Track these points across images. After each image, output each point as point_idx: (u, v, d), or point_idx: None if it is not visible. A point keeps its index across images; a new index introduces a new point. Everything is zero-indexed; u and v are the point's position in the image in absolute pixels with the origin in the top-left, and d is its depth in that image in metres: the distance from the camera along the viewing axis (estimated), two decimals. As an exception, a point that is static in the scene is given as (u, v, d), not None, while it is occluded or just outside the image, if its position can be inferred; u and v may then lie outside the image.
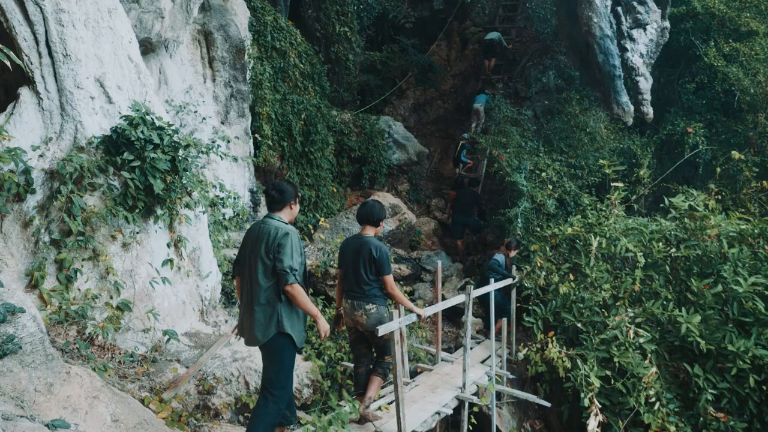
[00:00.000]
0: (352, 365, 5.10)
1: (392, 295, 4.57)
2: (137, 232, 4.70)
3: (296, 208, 3.96)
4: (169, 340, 4.60)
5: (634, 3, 9.53)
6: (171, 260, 4.95)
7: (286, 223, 3.80)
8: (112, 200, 4.49)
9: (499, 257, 7.90)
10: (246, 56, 9.18)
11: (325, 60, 12.99)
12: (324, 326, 3.73)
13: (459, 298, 5.80)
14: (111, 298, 4.39)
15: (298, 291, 3.57)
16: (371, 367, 4.69)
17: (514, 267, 7.75)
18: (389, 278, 4.49)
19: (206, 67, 8.88)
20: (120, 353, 4.34)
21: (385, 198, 10.88)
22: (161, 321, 4.73)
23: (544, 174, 9.39)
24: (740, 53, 10.66)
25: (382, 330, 4.16)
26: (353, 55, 14.15)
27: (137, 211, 4.61)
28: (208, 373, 4.63)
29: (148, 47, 7.26)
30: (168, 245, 4.99)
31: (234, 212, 7.19)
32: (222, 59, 8.85)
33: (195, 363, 4.64)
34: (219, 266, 6.35)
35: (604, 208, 7.83)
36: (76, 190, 4.30)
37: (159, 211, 4.82)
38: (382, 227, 4.85)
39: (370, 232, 4.66)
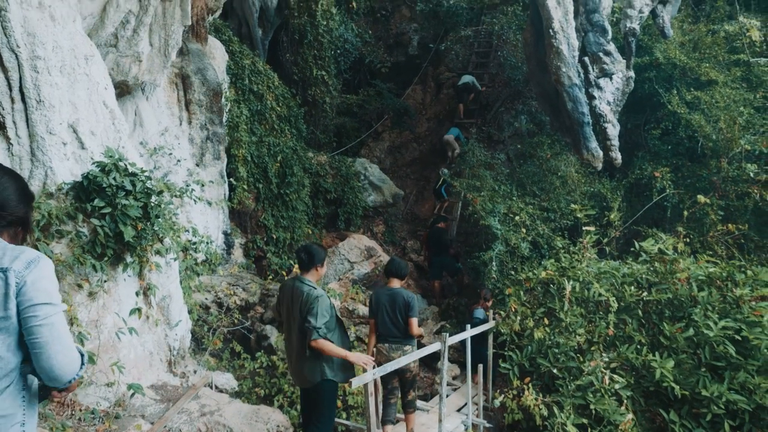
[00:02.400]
0: None
1: (417, 335, 5.48)
2: (105, 281, 4.58)
3: (322, 270, 4.56)
4: (133, 394, 4.44)
5: (600, 54, 9.89)
6: (139, 309, 4.83)
7: (315, 286, 4.41)
8: (80, 248, 4.39)
9: (480, 313, 7.94)
10: (223, 99, 9.22)
11: (303, 102, 13.13)
12: (359, 359, 4.43)
13: (435, 346, 5.75)
14: (76, 349, 4.24)
15: (322, 344, 4.20)
16: (403, 407, 5.60)
17: (490, 313, 7.76)
18: (414, 321, 5.38)
19: (183, 110, 8.88)
20: (81, 410, 4.17)
21: (361, 240, 10.87)
22: (126, 373, 4.57)
23: (517, 217, 9.51)
24: (701, 101, 11.08)
25: (356, 382, 4.16)
26: (330, 98, 14.34)
27: (106, 259, 4.51)
28: (174, 429, 4.46)
29: (124, 89, 7.24)
30: (137, 293, 4.87)
31: (206, 257, 7.09)
32: (199, 102, 8.87)
33: (160, 419, 4.48)
34: (190, 313, 6.22)
35: (576, 252, 7.92)
36: (43, 237, 4.20)
37: (128, 259, 4.72)
38: (406, 280, 5.78)
39: (396, 284, 5.54)
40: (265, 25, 13.21)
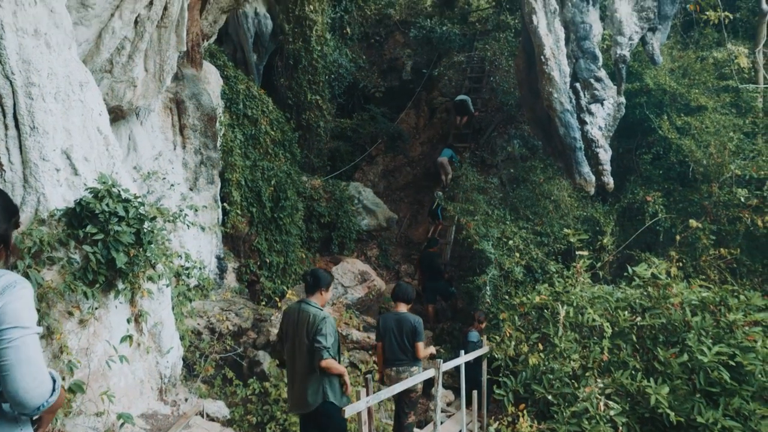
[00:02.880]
0: None
1: (423, 357, 5.64)
2: (96, 308, 4.54)
3: (327, 294, 4.68)
4: (123, 424, 4.36)
5: (591, 80, 10.02)
6: (130, 336, 4.78)
7: (321, 308, 4.54)
8: (72, 275, 4.36)
9: (474, 336, 7.92)
10: (217, 124, 9.26)
11: (297, 127, 13.20)
12: (348, 382, 4.52)
13: (428, 372, 5.71)
14: (63, 379, 4.18)
15: (331, 363, 4.36)
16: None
17: (484, 337, 7.73)
18: (421, 345, 5.57)
19: (177, 134, 8.91)
20: (70, 439, 4.10)
21: (354, 264, 10.83)
22: (116, 402, 4.50)
23: (511, 242, 9.52)
24: (692, 126, 11.21)
25: (349, 410, 4.11)
26: (324, 122, 14.43)
27: (97, 285, 4.47)
28: (166, 457, 4.39)
29: (118, 114, 7.27)
30: (128, 320, 4.82)
31: (199, 282, 7.04)
32: (193, 127, 8.91)
33: (152, 446, 4.41)
34: (181, 339, 6.15)
35: (570, 276, 7.92)
36: (34, 264, 4.16)
37: (120, 286, 4.68)
38: (411, 305, 5.98)
39: (403, 308, 5.75)
40: (260, 50, 13.35)
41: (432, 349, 6.17)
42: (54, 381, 1.92)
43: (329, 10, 14.91)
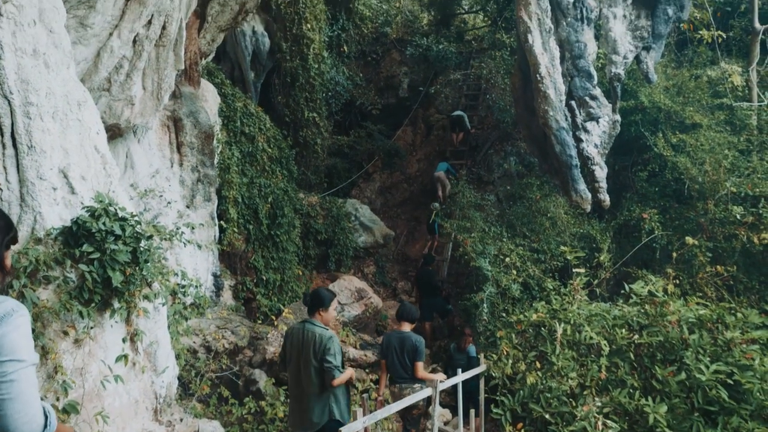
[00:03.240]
0: None
1: (421, 377, 5.79)
2: (91, 327, 4.51)
3: (326, 314, 4.69)
4: (119, 443, 4.32)
5: (587, 98, 10.11)
6: (125, 356, 4.74)
7: (325, 327, 4.60)
8: (67, 294, 4.33)
9: (473, 350, 7.92)
10: (215, 141, 9.28)
11: (294, 144, 13.25)
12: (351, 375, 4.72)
13: (426, 392, 5.68)
14: (57, 399, 4.14)
15: (341, 379, 4.50)
16: None
17: (482, 355, 7.69)
18: (420, 364, 5.74)
19: (174, 152, 8.93)
20: (64, 460, 4.04)
21: (351, 282, 10.81)
22: (111, 423, 4.45)
23: (508, 259, 9.53)
24: (687, 144, 11.29)
25: (345, 430, 4.09)
26: (321, 140, 14.49)
27: (93, 305, 4.44)
28: (160, 479, 4.33)
29: (116, 132, 7.29)
30: (123, 340, 4.78)
31: (195, 300, 7.01)
32: (190, 144, 8.93)
33: (146, 468, 4.35)
34: (177, 358, 6.11)
35: (567, 294, 7.91)
36: (29, 284, 4.14)
37: (116, 305, 4.66)
38: (415, 324, 6.16)
39: (407, 327, 5.94)
40: (258, 68, 13.44)
41: (440, 376, 6.23)
42: (47, 417, 1.88)
43: (326, 28, 15.05)
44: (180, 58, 7.42)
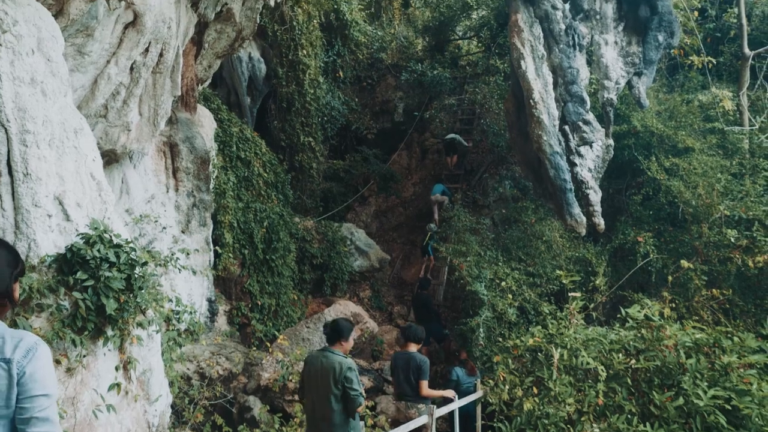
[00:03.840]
0: None
1: (426, 395, 6.14)
2: (84, 355, 4.46)
3: (347, 344, 4.84)
4: (110, 475, 4.25)
5: (580, 123, 10.20)
6: (118, 384, 4.69)
7: (344, 356, 4.73)
8: (60, 322, 4.30)
9: (457, 372, 7.89)
10: (210, 166, 9.31)
11: (289, 168, 13.30)
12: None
13: (422, 419, 5.62)
14: (50, 429, 4.07)
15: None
16: None
17: (478, 380, 7.62)
18: (424, 383, 6.09)
19: (170, 177, 8.95)
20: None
21: (347, 306, 10.76)
22: (103, 454, 4.39)
23: (504, 283, 9.51)
24: (680, 168, 11.36)
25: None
26: (317, 164, 14.56)
27: (86, 332, 4.41)
28: None
29: (112, 158, 7.31)
30: (116, 368, 4.73)
31: (189, 327, 6.97)
32: (186, 170, 8.96)
33: (138, 500, 4.27)
34: (171, 385, 6.04)
35: (563, 318, 7.89)
36: (23, 311, 4.11)
37: (109, 332, 4.62)
38: (421, 345, 6.51)
39: (413, 348, 6.29)
40: (254, 93, 13.55)
41: (449, 393, 6.65)
42: None
43: (322, 54, 15.22)
44: (177, 85, 7.48)
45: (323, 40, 15.22)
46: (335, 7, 15.61)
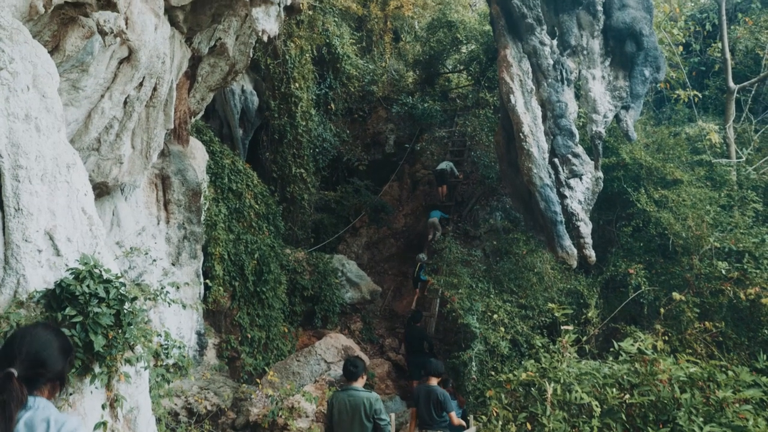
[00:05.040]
0: None
1: (457, 425, 6.86)
2: (70, 394, 4.36)
3: (362, 379, 5.38)
4: None
5: (569, 156, 10.33)
6: (104, 423, 4.56)
7: (368, 391, 5.28)
8: (47, 359, 4.20)
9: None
10: (202, 198, 9.29)
11: (281, 199, 13.30)
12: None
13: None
14: (33, 472, 3.94)
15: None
16: None
17: (471, 418, 7.53)
18: (453, 414, 6.76)
19: (161, 209, 8.90)
20: None
21: (338, 339, 10.63)
22: (88, 497, 4.25)
23: (496, 315, 9.47)
24: (669, 200, 11.49)
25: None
26: (308, 195, 14.59)
27: (73, 370, 4.31)
28: None
29: (103, 190, 7.28)
30: (103, 406, 4.62)
31: (178, 362, 6.84)
32: (178, 202, 8.92)
33: None
34: (158, 422, 5.90)
35: (556, 351, 7.84)
36: (9, 349, 4.02)
37: (97, 369, 4.52)
38: (441, 378, 7.17)
39: (433, 381, 6.84)
40: (246, 125, 13.63)
41: (460, 421, 7.16)
42: None
43: (314, 87, 15.39)
44: (170, 118, 7.51)
45: (315, 73, 15.41)
46: (327, 41, 15.85)
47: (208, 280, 9.08)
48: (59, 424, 2.04)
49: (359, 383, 5.32)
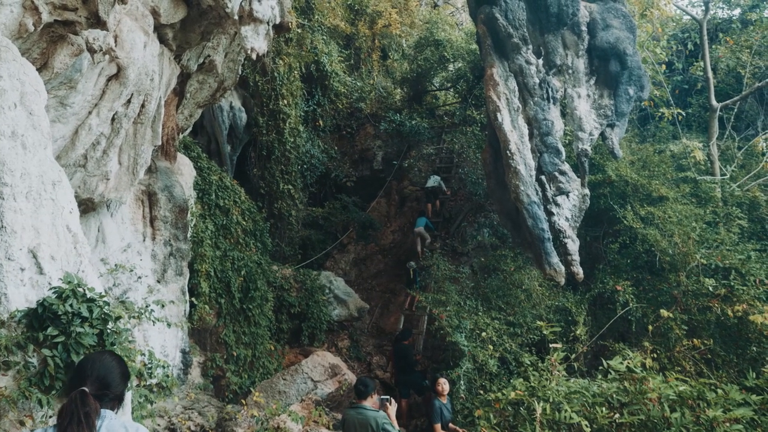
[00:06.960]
0: None
1: None
2: (50, 416, 4.24)
3: (371, 399, 5.60)
4: None
5: (556, 173, 10.40)
6: (88, 446, 4.44)
7: (376, 410, 5.48)
8: (27, 380, 4.09)
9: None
10: (189, 215, 9.20)
11: (269, 215, 13.23)
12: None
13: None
14: (11, 499, 3.83)
15: None
16: None
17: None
18: (437, 427, 7.28)
19: (147, 226, 8.80)
20: None
21: (325, 357, 10.51)
22: None
23: (484, 333, 9.43)
24: (655, 216, 11.58)
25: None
26: (296, 211, 14.53)
27: (54, 392, 4.19)
28: None
29: (89, 206, 7.18)
30: (86, 430, 4.50)
31: (162, 382, 6.71)
32: (164, 218, 8.83)
33: None
34: (142, 444, 5.76)
35: (545, 369, 7.81)
36: (-11, 370, 3.92)
37: (80, 392, 4.41)
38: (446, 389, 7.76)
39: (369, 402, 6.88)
40: (234, 141, 13.60)
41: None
42: None
43: (302, 103, 15.42)
44: (157, 134, 7.45)
45: (303, 90, 15.44)
46: (316, 58, 15.91)
47: (193, 298, 8.96)
48: (134, 428, 2.55)
49: (368, 402, 5.54)
